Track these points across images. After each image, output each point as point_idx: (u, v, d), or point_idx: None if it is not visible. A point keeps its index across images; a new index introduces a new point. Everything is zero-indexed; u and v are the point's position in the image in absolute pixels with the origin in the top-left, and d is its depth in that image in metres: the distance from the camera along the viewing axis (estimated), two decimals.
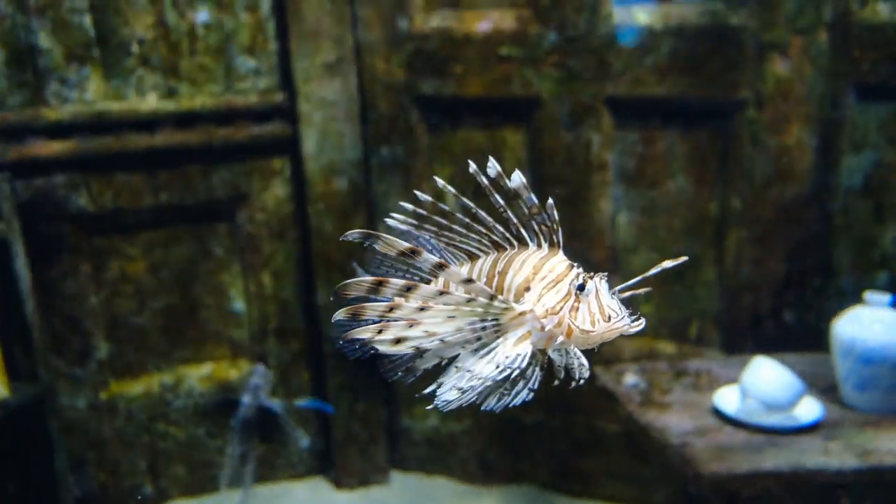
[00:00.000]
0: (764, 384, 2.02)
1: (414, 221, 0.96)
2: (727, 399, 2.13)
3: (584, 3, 2.61)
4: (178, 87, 2.73)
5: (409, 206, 0.97)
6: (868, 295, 2.10)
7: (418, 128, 2.91)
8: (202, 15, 2.70)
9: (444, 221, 0.97)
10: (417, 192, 0.97)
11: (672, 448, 1.97)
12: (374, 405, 3.14)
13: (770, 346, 2.55)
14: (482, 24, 2.73)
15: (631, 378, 2.36)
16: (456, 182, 0.95)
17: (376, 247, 0.82)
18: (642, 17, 2.61)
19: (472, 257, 0.97)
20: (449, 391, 0.88)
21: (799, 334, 2.69)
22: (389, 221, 0.96)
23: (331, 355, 3.06)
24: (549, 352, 0.94)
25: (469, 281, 0.85)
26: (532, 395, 0.92)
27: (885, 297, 2.08)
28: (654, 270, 0.88)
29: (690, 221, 2.77)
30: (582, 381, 0.95)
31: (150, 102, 2.70)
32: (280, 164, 2.95)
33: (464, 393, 0.87)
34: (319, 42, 2.79)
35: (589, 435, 2.96)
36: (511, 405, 0.91)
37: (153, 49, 2.67)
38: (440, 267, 0.83)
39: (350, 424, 3.12)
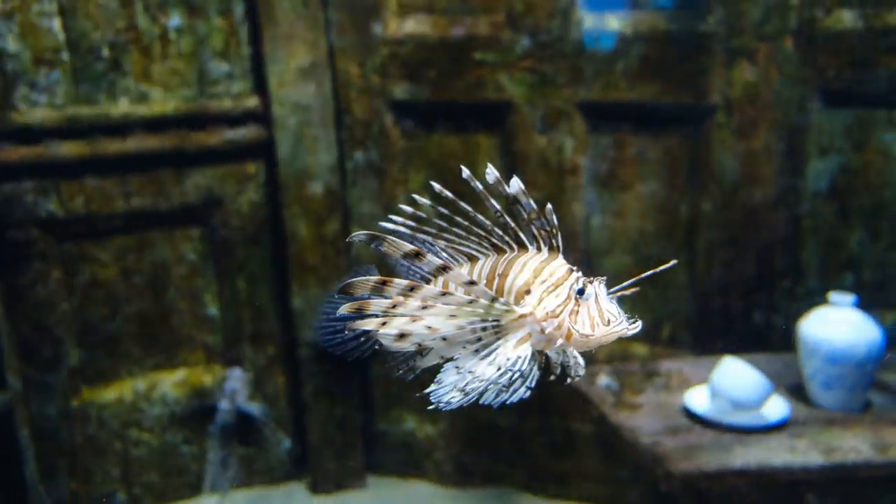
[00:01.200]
0: (732, 384, 2.06)
1: (412, 223, 0.98)
2: (697, 399, 2.17)
3: (556, 8, 2.64)
4: (150, 92, 2.72)
5: (408, 209, 0.99)
6: (833, 295, 2.14)
7: (393, 132, 2.92)
8: (174, 19, 2.68)
9: (443, 224, 0.98)
10: (415, 196, 0.99)
11: (643, 448, 2.00)
12: (350, 409, 3.13)
13: (740, 347, 2.59)
14: (456, 29, 2.74)
15: (604, 379, 2.39)
16: (430, 186, 0.96)
17: (381, 248, 0.84)
18: (614, 23, 2.65)
19: (472, 259, 0.99)
20: (450, 392, 0.89)
21: (768, 335, 2.74)
22: (388, 225, 0.98)
23: (306, 360, 3.06)
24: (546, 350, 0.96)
25: (471, 283, 0.87)
26: (529, 392, 0.93)
27: (849, 298, 2.13)
28: (646, 274, 0.91)
29: (662, 224, 2.81)
30: (577, 378, 0.97)
31: (122, 107, 2.68)
32: (254, 168, 2.94)
33: (466, 395, 0.89)
34: (293, 46, 2.79)
35: (564, 437, 2.99)
36: (509, 402, 0.92)
37: (124, 53, 2.65)
38: (444, 269, 0.85)
39: (326, 429, 3.11)
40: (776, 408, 2.10)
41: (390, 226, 0.98)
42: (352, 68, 2.86)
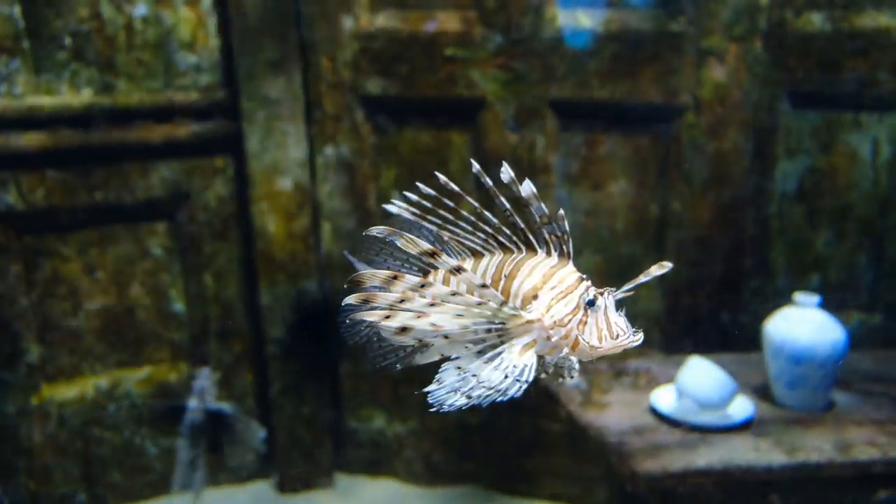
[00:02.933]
0: (698, 384, 2.06)
1: (416, 211, 0.95)
2: (664, 398, 2.17)
3: (528, 5, 2.63)
4: (114, 83, 2.65)
5: (413, 197, 0.96)
6: (797, 296, 2.16)
7: (364, 128, 2.89)
8: (140, 8, 2.62)
9: (448, 216, 0.96)
10: (420, 185, 0.96)
11: (609, 447, 2.00)
12: (318, 407, 3.10)
13: (708, 347, 2.61)
14: (428, 24, 2.72)
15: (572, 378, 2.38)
16: (403, 182, 0.95)
17: (397, 243, 0.84)
18: (586, 20, 2.64)
19: (476, 254, 0.97)
20: (451, 393, 0.88)
21: (736, 334, 2.76)
22: (390, 208, 0.95)
23: (274, 358, 3.02)
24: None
25: (483, 286, 0.86)
26: (525, 391, 0.91)
27: (814, 298, 2.14)
28: (644, 279, 0.90)
29: (632, 223, 2.82)
30: (571, 378, 0.97)
31: (85, 97, 2.61)
32: (222, 162, 2.89)
33: (469, 399, 0.87)
34: (263, 39, 2.75)
35: (534, 435, 2.98)
36: (502, 400, 0.91)
37: (87, 42, 2.58)
38: (458, 270, 0.84)
39: (294, 427, 3.08)
40: (741, 407, 2.11)
41: (393, 209, 0.95)
42: (322, 62, 2.82)
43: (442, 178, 0.94)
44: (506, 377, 0.87)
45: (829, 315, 2.14)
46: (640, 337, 0.89)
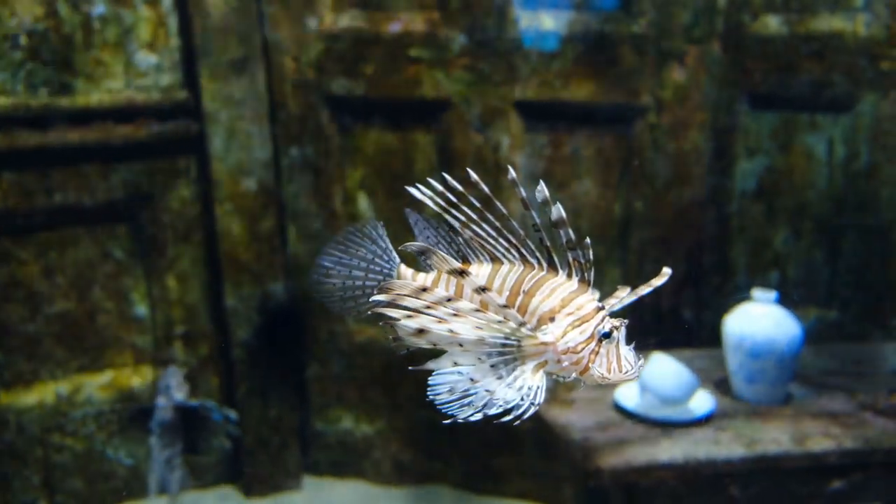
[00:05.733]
0: (659, 379, 2.10)
1: (441, 202, 0.94)
2: (627, 394, 2.21)
3: (492, 6, 2.65)
4: (72, 83, 2.61)
5: (438, 186, 0.94)
6: (756, 292, 2.21)
7: (329, 128, 2.88)
8: (98, 7, 2.58)
9: (472, 215, 0.95)
10: (447, 176, 0.95)
11: (574, 443, 2.02)
12: (285, 410, 3.08)
13: (671, 343, 2.65)
14: (392, 25, 2.72)
15: None
16: (367, 183, 0.94)
17: (429, 261, 0.90)
18: (548, 22, 2.67)
19: (494, 260, 0.97)
20: (464, 407, 0.89)
21: (698, 331, 2.81)
22: (415, 192, 0.94)
23: (240, 360, 2.99)
24: None
25: (504, 307, 0.89)
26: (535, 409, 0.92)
27: (772, 295, 2.19)
28: (645, 291, 0.94)
29: (596, 223, 2.85)
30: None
31: (42, 98, 2.56)
32: (185, 163, 2.86)
33: (484, 415, 0.89)
34: (225, 39, 2.72)
35: (501, 434, 3.00)
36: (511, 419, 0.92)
37: (44, 42, 2.53)
38: (483, 290, 0.88)
39: (261, 430, 3.05)
40: (702, 402, 2.15)
41: (418, 194, 0.94)
42: (286, 62, 2.80)
43: (474, 176, 0.94)
44: (521, 397, 0.89)
45: (787, 311, 2.19)
46: (642, 369, 0.93)
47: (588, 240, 0.92)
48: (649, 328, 2.82)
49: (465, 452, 3.04)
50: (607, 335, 0.91)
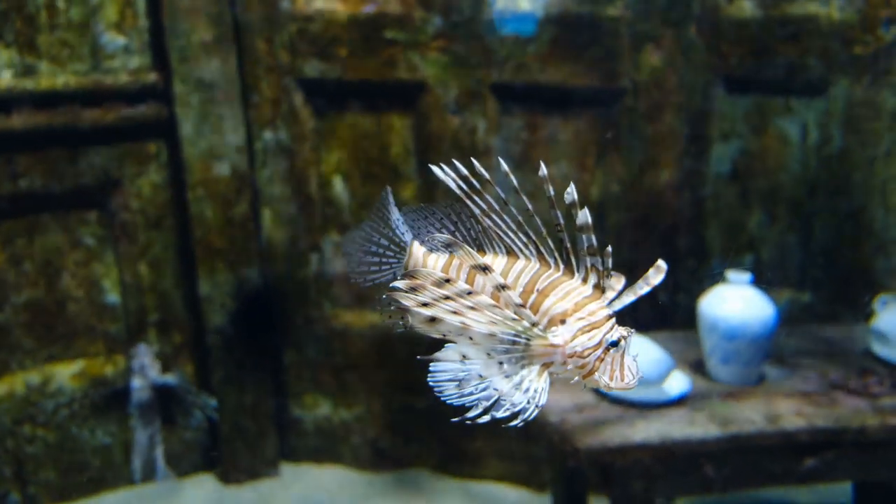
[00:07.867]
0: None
1: (464, 186, 0.94)
2: None
3: None
4: (36, 65, 2.53)
5: (463, 169, 0.94)
6: (730, 274, 2.22)
7: (303, 111, 2.84)
8: None
9: (494, 205, 0.95)
10: (474, 161, 0.94)
11: (551, 425, 2.03)
12: (261, 397, 3.06)
13: (646, 325, 2.66)
14: (366, 6, 2.68)
15: None
16: (342, 167, 0.93)
17: (456, 254, 0.92)
18: (524, 3, 2.65)
19: (510, 253, 0.97)
20: (471, 405, 0.92)
21: (674, 313, 2.83)
22: (438, 171, 0.94)
23: (215, 347, 2.96)
24: None
25: (521, 307, 0.90)
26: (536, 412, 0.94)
27: (746, 276, 2.21)
28: (647, 289, 0.93)
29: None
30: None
31: (5, 81, 2.48)
32: (155, 148, 2.80)
33: (492, 416, 0.92)
34: (195, 20, 2.66)
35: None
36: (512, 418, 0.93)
37: (5, 22, 2.45)
38: (503, 288, 0.90)
39: (237, 418, 3.03)
40: (677, 383, 2.16)
41: (441, 175, 0.94)
42: (259, 44, 2.75)
43: (504, 166, 0.95)
44: (527, 400, 0.91)
45: (761, 292, 2.21)
46: (638, 380, 0.95)
47: (609, 248, 0.92)
48: (628, 311, 2.84)
49: (443, 436, 3.05)
50: (615, 344, 0.92)
